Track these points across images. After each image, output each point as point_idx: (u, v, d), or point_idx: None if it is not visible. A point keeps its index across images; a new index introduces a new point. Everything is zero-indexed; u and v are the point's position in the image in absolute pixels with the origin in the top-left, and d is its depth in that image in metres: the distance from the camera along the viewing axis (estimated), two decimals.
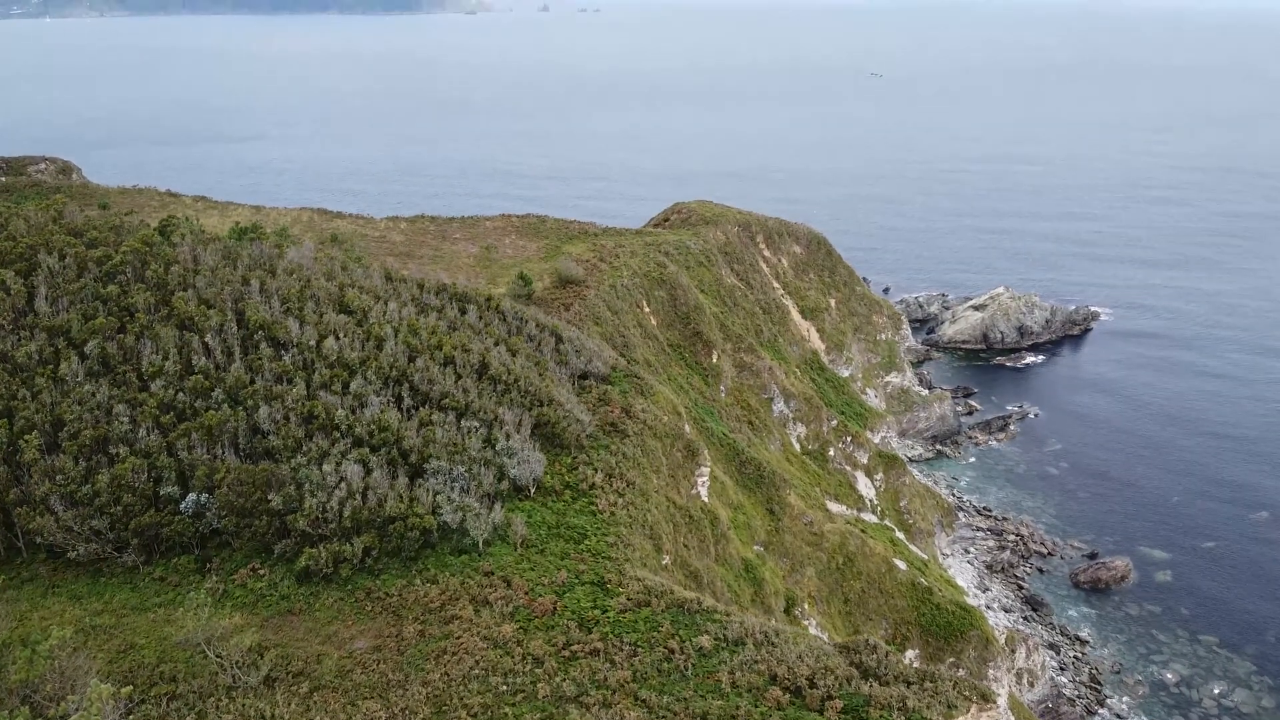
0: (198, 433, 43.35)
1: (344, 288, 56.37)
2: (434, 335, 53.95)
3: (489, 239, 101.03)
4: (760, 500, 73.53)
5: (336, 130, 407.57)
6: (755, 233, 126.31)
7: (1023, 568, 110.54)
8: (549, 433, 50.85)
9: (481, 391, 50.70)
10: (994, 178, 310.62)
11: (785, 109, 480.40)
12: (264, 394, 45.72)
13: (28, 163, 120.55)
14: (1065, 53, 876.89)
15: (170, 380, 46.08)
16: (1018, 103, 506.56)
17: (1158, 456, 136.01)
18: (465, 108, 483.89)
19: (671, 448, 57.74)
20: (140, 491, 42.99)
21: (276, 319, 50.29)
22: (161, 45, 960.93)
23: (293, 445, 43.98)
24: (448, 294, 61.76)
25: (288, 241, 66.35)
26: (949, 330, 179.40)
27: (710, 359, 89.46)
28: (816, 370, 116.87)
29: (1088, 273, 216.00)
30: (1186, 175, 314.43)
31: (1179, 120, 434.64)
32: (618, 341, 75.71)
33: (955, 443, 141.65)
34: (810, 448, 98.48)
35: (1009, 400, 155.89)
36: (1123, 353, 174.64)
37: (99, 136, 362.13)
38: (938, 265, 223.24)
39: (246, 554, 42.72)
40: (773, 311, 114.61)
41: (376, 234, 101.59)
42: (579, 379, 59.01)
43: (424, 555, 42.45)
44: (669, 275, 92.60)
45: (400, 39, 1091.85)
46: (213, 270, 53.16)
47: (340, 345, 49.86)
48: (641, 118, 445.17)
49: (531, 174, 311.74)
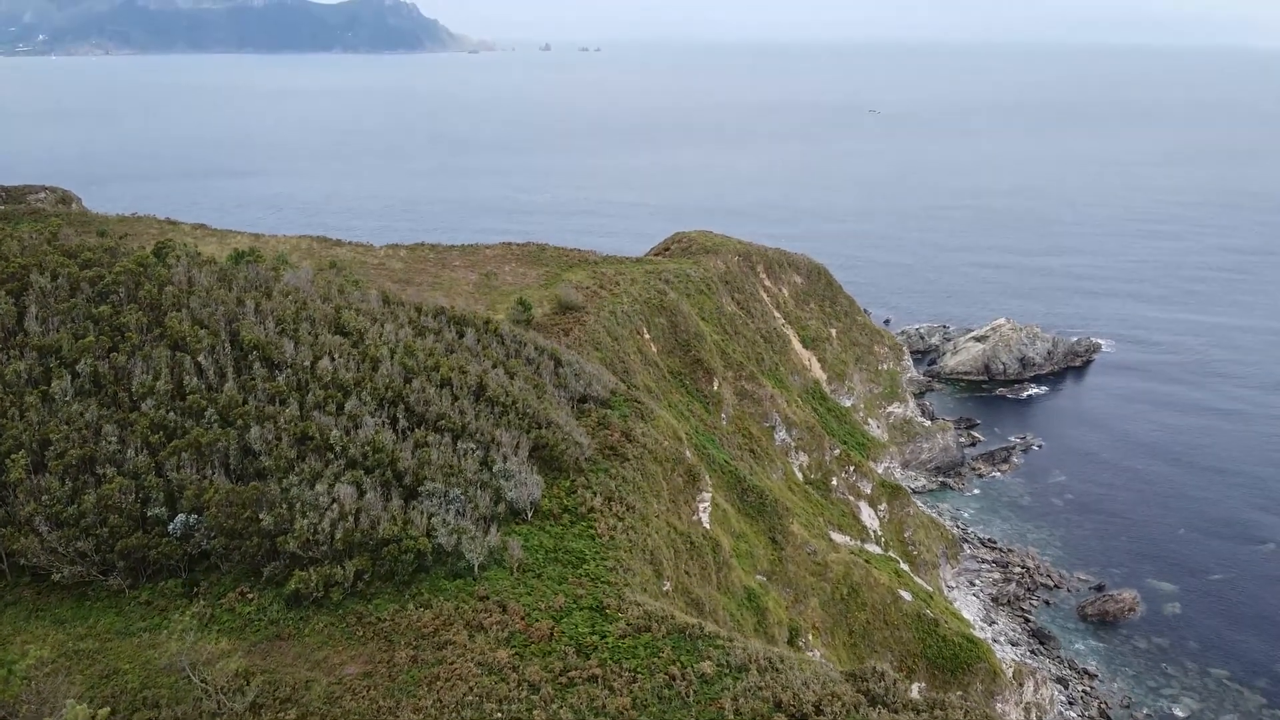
0: (187, 452, 42.35)
1: (340, 310, 55.63)
2: (431, 357, 53.12)
3: (489, 266, 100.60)
4: (763, 529, 72.25)
5: (339, 166, 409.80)
6: (756, 262, 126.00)
7: (1029, 600, 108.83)
8: (547, 455, 49.84)
9: (479, 413, 49.77)
10: (992, 212, 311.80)
11: (784, 145, 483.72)
12: (256, 414, 44.77)
13: (27, 191, 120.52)
14: (1064, 90, 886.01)
15: (161, 400, 45.17)
16: (1016, 138, 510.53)
17: (1163, 488, 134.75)
18: (467, 144, 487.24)
19: (672, 472, 56.66)
20: (127, 512, 41.89)
21: (271, 339, 49.49)
22: (166, 82, 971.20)
23: (285, 466, 42.96)
24: (445, 317, 61.02)
25: (285, 266, 65.74)
26: (950, 361, 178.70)
27: (711, 386, 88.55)
28: (818, 399, 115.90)
29: (1088, 305, 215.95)
30: (1187, 209, 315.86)
31: (1179, 155, 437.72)
32: (618, 367, 74.87)
33: (958, 474, 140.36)
34: (813, 477, 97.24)
35: (1012, 431, 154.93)
36: (1126, 385, 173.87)
37: (100, 171, 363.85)
38: (938, 297, 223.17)
39: (235, 577, 41.51)
40: (774, 340, 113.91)
41: (376, 261, 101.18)
42: (578, 402, 58.08)
43: (418, 579, 41.24)
44: (669, 302, 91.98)
45: (403, 77, 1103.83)
46: (207, 291, 52.45)
47: (335, 366, 48.99)
48: (642, 154, 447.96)
49: (532, 209, 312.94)
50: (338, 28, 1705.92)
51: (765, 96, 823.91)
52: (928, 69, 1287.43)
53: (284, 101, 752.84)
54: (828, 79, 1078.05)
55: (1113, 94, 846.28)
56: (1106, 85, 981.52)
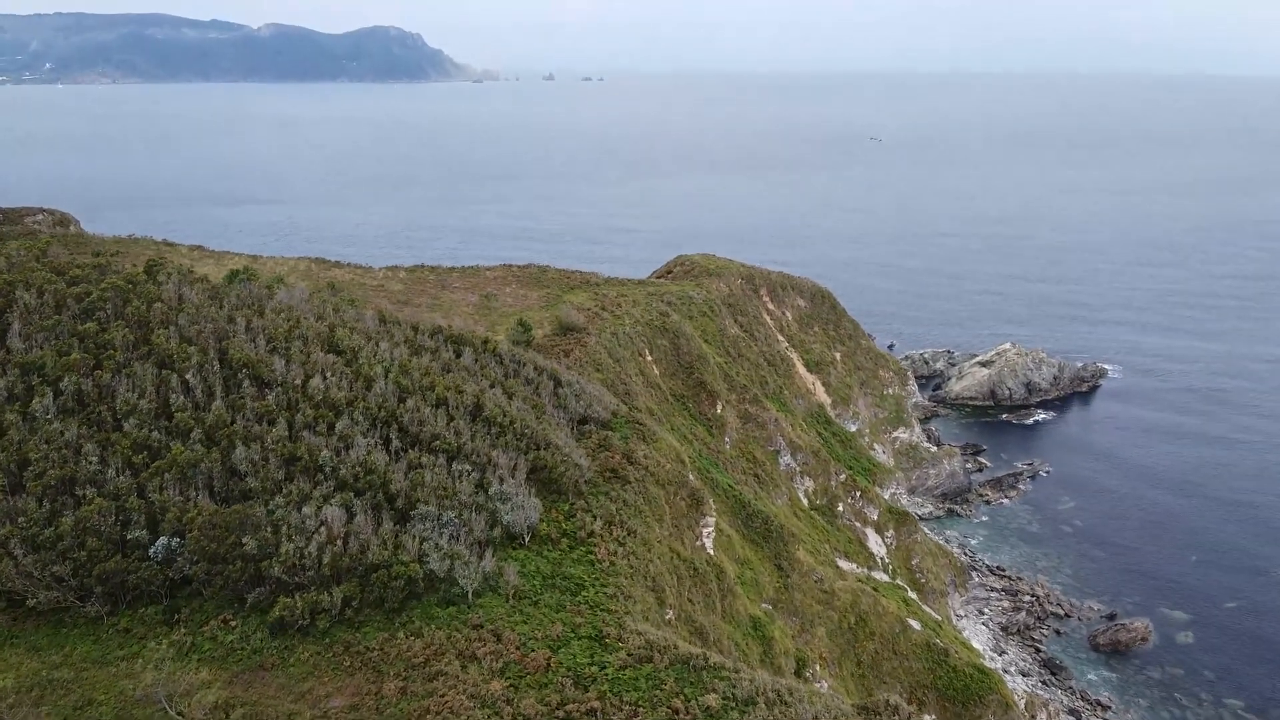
0: (170, 473, 40.65)
1: (334, 328, 54.12)
2: (427, 376, 51.53)
3: (489, 288, 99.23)
4: (768, 555, 70.25)
5: (342, 192, 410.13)
6: (759, 285, 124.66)
7: (1039, 629, 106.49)
8: (545, 478, 48.09)
9: (475, 434, 48.08)
10: (994, 238, 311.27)
11: (786, 173, 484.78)
12: (243, 434, 43.10)
13: (24, 213, 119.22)
14: (1064, 119, 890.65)
15: (145, 419, 43.54)
16: (1018, 166, 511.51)
17: (1173, 516, 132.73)
18: (470, 171, 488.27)
19: (675, 496, 54.85)
20: (106, 535, 40.12)
21: (261, 357, 47.93)
22: (169, 111, 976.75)
23: (271, 487, 41.24)
24: (443, 336, 59.50)
25: (280, 285, 64.40)
26: (956, 386, 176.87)
27: (714, 409, 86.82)
28: (823, 424, 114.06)
29: (1092, 330, 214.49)
30: (1191, 235, 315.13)
31: (1185, 182, 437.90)
32: (619, 389, 73.22)
33: (965, 500, 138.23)
34: (818, 503, 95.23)
35: (1019, 457, 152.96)
36: (1133, 410, 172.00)
37: (104, 197, 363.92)
38: (942, 323, 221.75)
39: (218, 604, 39.64)
40: (777, 364, 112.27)
41: (375, 283, 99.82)
42: (578, 424, 56.40)
43: (408, 606, 39.33)
44: (672, 324, 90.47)
45: (408, 105, 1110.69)
46: (197, 308, 50.98)
47: (327, 385, 47.38)
48: (644, 181, 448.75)
49: (534, 234, 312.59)
50: (343, 58, 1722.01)
51: (767, 125, 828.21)
52: (928, 99, 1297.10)
53: (288, 129, 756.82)
54: (829, 108, 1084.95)
55: (1119, 122, 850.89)
56: (1113, 113, 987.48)
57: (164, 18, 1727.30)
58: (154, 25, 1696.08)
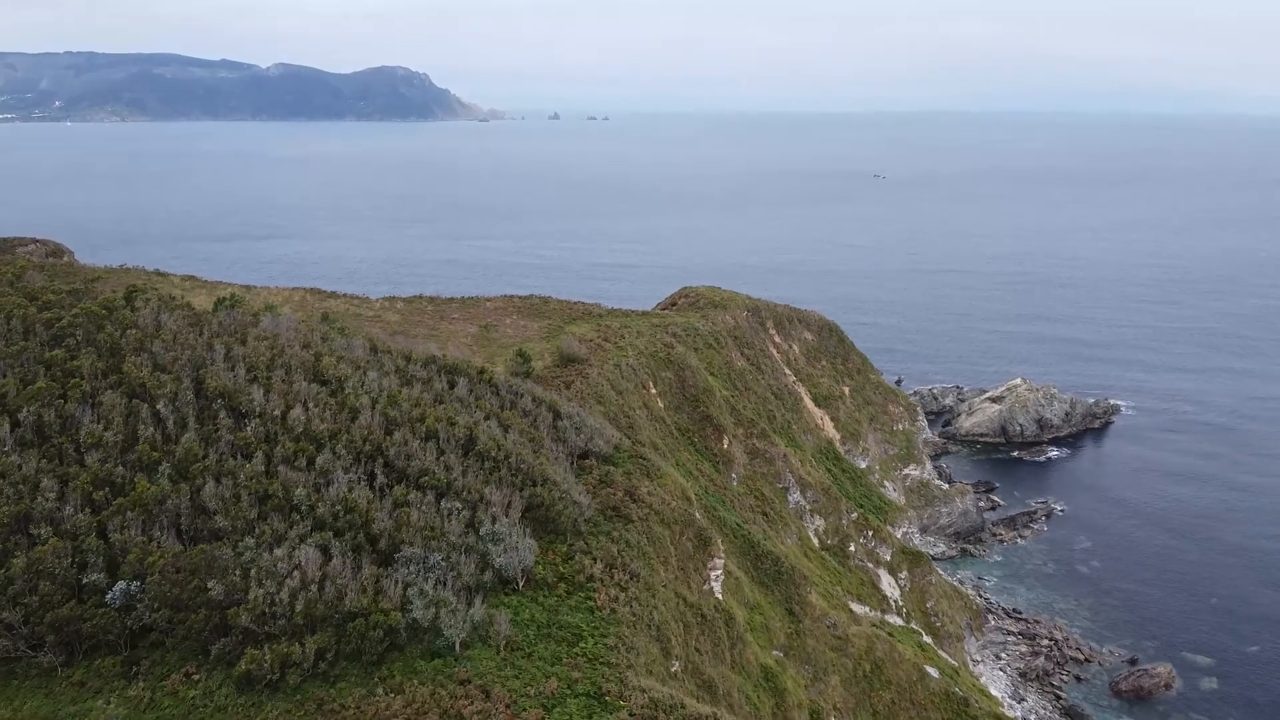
0: (133, 511, 37.39)
1: (320, 356, 51.07)
2: (417, 407, 48.36)
3: (489, 319, 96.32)
4: (778, 599, 66.50)
5: (347, 228, 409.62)
6: (765, 318, 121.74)
7: (1059, 675, 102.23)
8: (542, 516, 44.71)
9: (467, 469, 44.78)
10: (1000, 275, 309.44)
11: (788, 210, 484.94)
12: (215, 468, 39.87)
13: (16, 244, 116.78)
14: (1066, 158, 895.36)
15: (110, 452, 40.36)
16: (1024, 203, 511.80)
17: (1191, 555, 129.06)
18: (476, 207, 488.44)
19: (681, 536, 51.37)
20: (61, 579, 36.73)
21: (239, 387, 44.84)
22: (179, 149, 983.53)
23: (243, 527, 37.92)
24: (436, 366, 56.43)
25: (269, 313, 61.53)
26: (966, 423, 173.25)
27: (721, 444, 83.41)
28: (832, 460, 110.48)
29: (1102, 367, 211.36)
30: (1200, 273, 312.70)
31: (1191, 221, 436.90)
32: (622, 422, 69.94)
33: (979, 540, 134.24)
34: (829, 542, 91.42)
35: (1032, 495, 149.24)
36: (1147, 448, 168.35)
37: (109, 233, 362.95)
38: (950, 358, 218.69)
39: (181, 655, 36.13)
40: (785, 398, 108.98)
41: (371, 313, 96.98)
42: (578, 458, 53.12)
43: (389, 659, 35.77)
44: (677, 356, 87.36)
45: (414, 143, 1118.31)
46: (173, 335, 48.00)
47: (309, 416, 44.20)
48: (649, 218, 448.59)
49: (539, 268, 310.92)
50: (351, 97, 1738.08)
51: (769, 162, 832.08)
52: (929, 138, 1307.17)
53: (295, 166, 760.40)
54: (831, 147, 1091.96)
55: (1127, 161, 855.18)
56: (1117, 153, 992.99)
57: (173, 57, 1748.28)
58: (163, 64, 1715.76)
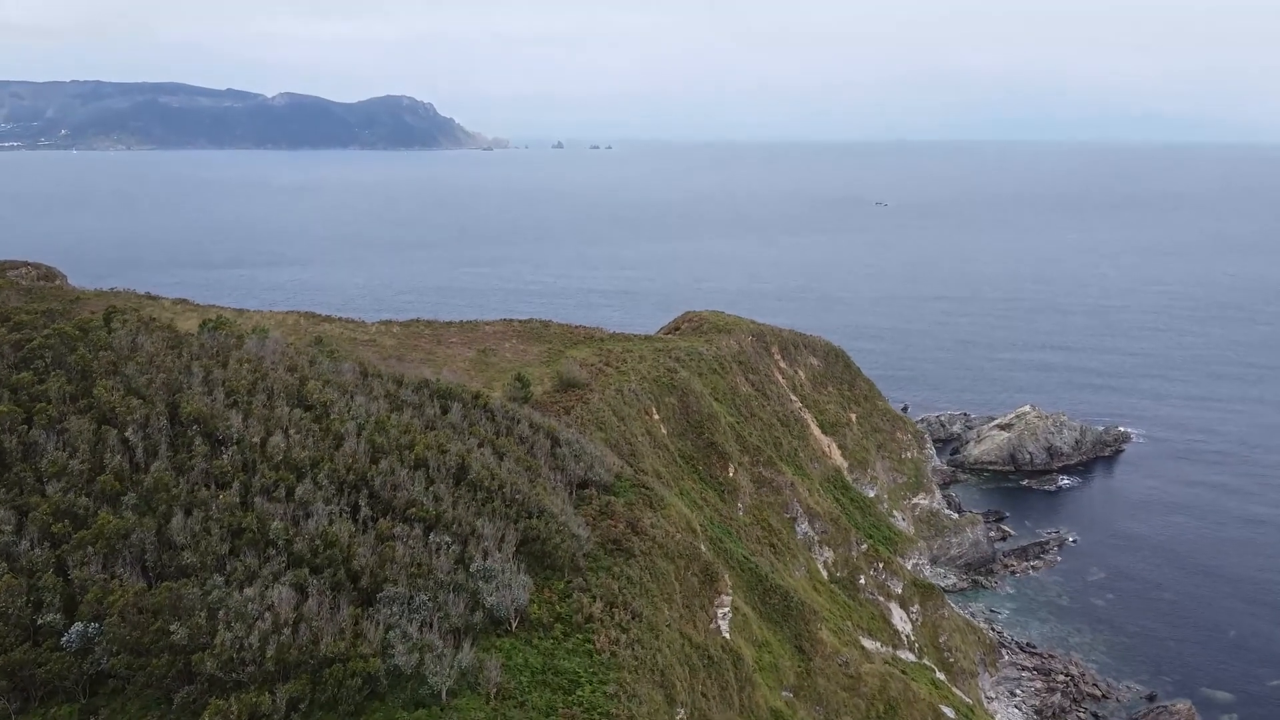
0: (94, 545, 34.58)
1: (305, 380, 48.40)
2: (406, 433, 45.60)
3: (487, 343, 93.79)
4: (788, 636, 63.30)
5: (351, 254, 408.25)
6: (770, 343, 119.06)
7: (1076, 713, 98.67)
8: (538, 550, 41.79)
9: (458, 500, 41.93)
10: (1002, 302, 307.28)
11: (791, 236, 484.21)
12: (186, 499, 37.06)
13: (7, 266, 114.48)
14: (1064, 184, 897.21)
15: (74, 481, 37.60)
16: (1027, 230, 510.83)
17: (1208, 588, 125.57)
18: (480, 233, 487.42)
19: (686, 571, 48.38)
20: (15, 619, 33.84)
21: (217, 412, 42.14)
22: (182, 176, 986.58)
23: (213, 563, 35.07)
24: (429, 390, 53.71)
25: (255, 335, 58.95)
26: (974, 450, 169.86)
27: (726, 473, 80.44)
28: (840, 489, 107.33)
29: (1111, 394, 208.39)
30: (1208, 299, 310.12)
31: (1195, 247, 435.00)
32: (624, 450, 67.09)
33: (990, 571, 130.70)
34: (839, 575, 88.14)
35: (1044, 526, 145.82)
36: (1160, 475, 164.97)
37: (107, 259, 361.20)
38: (956, 384, 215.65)
39: (142, 704, 33.15)
40: (791, 424, 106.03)
41: (366, 337, 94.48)
42: (577, 487, 50.26)
43: (368, 708, 32.76)
44: (680, 381, 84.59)
45: (419, 171, 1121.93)
46: (149, 358, 45.39)
47: (289, 443, 41.43)
48: (650, 245, 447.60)
49: (541, 293, 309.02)
50: (356, 126, 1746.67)
51: (771, 189, 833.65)
52: (929, 166, 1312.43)
53: (297, 194, 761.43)
54: (834, 174, 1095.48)
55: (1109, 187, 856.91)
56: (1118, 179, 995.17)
57: (180, 86, 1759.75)
58: (170, 94, 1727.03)
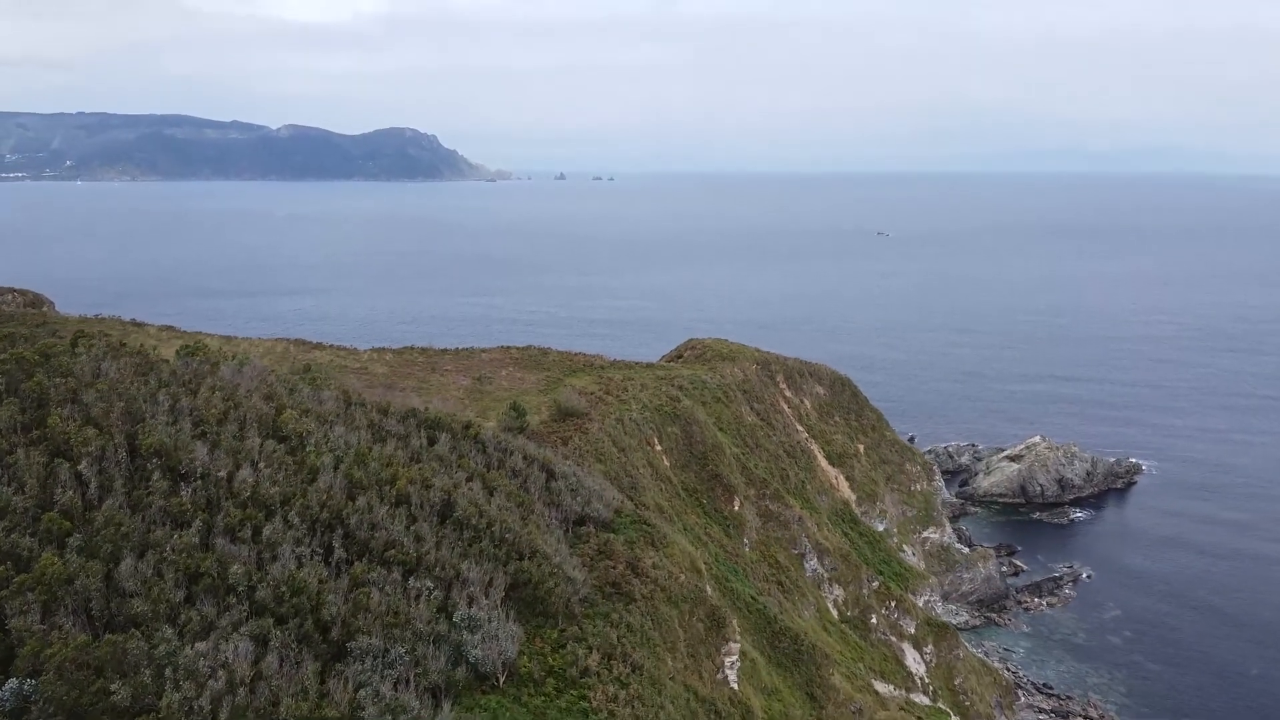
0: (34, 592, 31.09)
1: (282, 409, 45.06)
2: (388, 467, 42.13)
3: (483, 370, 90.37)
4: (798, 682, 59.38)
5: (351, 284, 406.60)
6: (775, 371, 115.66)
7: None
8: (529, 596, 38.18)
9: (441, 540, 38.38)
10: (1007, 332, 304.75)
11: (793, 265, 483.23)
12: (139, 540, 33.60)
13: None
14: (1061, 215, 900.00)
15: (17, 519, 34.16)
16: (1031, 260, 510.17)
17: (1227, 626, 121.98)
18: (482, 263, 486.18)
19: (691, 616, 44.71)
20: None
21: (181, 444, 38.75)
22: (185, 207, 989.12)
23: (165, 612, 31.54)
24: (416, 420, 50.31)
25: (233, 361, 55.68)
26: (984, 482, 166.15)
27: (731, 506, 76.76)
28: (849, 523, 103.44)
29: (1120, 424, 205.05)
30: (1217, 328, 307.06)
31: (1205, 277, 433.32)
32: (624, 482, 63.54)
33: (1003, 607, 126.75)
34: (849, 614, 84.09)
35: (1057, 560, 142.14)
36: (1174, 509, 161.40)
37: (106, 289, 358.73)
38: (962, 415, 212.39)
39: None
40: (798, 455, 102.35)
41: (357, 365, 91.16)
42: (574, 524, 46.71)
43: None
44: (684, 410, 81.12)
45: (422, 202, 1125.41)
46: (111, 384, 42.09)
47: (258, 477, 37.99)
48: (651, 274, 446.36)
49: (541, 322, 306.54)
50: (360, 158, 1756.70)
51: (772, 220, 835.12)
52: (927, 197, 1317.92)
53: (302, 224, 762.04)
54: (834, 205, 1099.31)
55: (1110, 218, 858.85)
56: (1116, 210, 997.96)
57: (185, 118, 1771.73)
58: (175, 125, 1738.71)
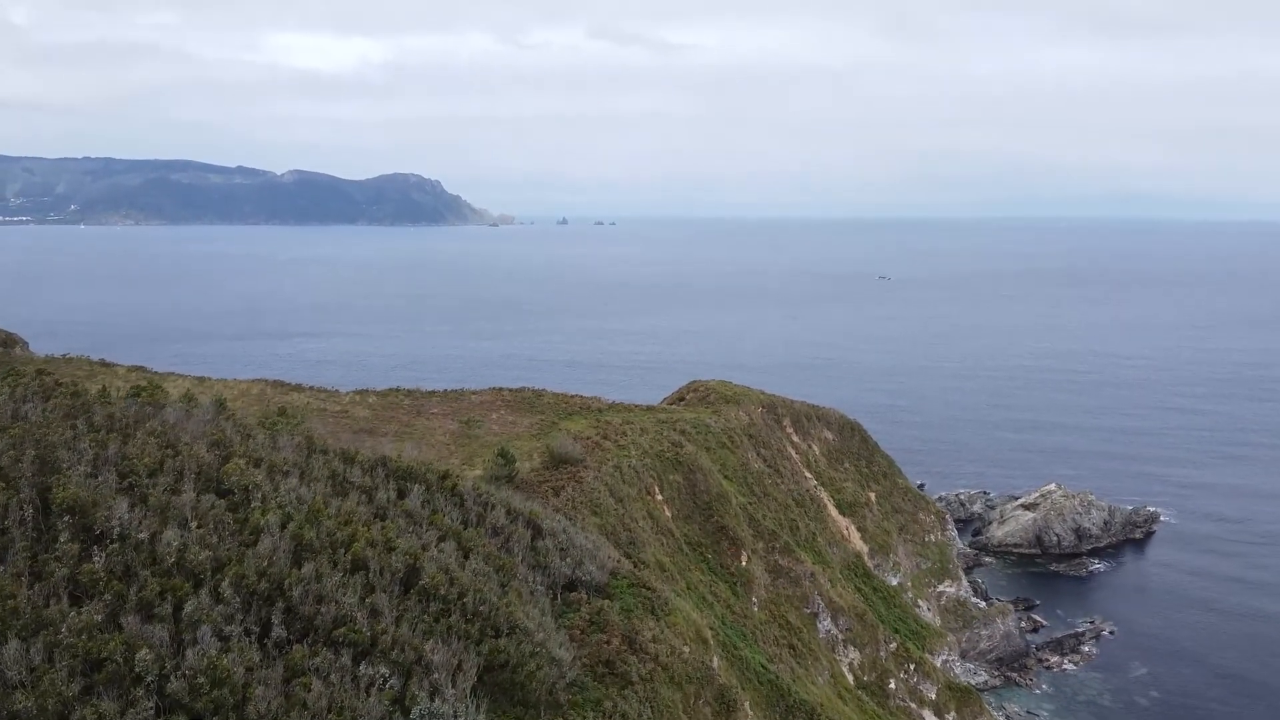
0: None
1: (230, 458, 39.45)
2: (346, 526, 36.40)
3: (472, 413, 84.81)
4: None
5: (350, 327, 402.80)
6: (782, 415, 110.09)
7: None
8: (506, 681, 32.22)
9: (402, 614, 32.49)
10: (1014, 375, 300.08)
11: (797, 308, 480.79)
12: (29, 619, 27.84)
13: None
14: (1063, 260, 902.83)
15: None
16: (1036, 304, 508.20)
17: (1257, 682, 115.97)
18: (485, 307, 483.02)
19: (696, 699, 38.65)
20: None
21: (101, 498, 33.13)
22: (188, 251, 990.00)
23: (56, 708, 25.71)
24: (385, 470, 44.64)
25: (186, 402, 50.33)
26: (998, 532, 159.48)
27: (739, 561, 70.66)
28: (862, 577, 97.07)
29: (1136, 472, 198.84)
30: (1229, 376, 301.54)
31: (1215, 322, 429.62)
32: (622, 537, 57.65)
33: (1024, 666, 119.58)
34: (865, 679, 77.55)
35: (1077, 615, 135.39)
36: (1196, 559, 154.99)
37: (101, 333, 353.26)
38: (971, 461, 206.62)
39: None
40: (807, 505, 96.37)
41: (338, 408, 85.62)
42: (563, 590, 40.82)
43: None
44: (686, 456, 75.37)
45: (427, 246, 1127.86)
46: (25, 430, 36.55)
47: (186, 539, 32.27)
48: (652, 317, 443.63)
49: (539, 364, 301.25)
50: (364, 203, 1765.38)
51: (773, 264, 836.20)
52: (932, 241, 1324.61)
53: (305, 268, 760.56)
54: (834, 249, 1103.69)
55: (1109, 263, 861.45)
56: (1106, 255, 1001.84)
57: (190, 164, 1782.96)
58: (180, 170, 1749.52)
